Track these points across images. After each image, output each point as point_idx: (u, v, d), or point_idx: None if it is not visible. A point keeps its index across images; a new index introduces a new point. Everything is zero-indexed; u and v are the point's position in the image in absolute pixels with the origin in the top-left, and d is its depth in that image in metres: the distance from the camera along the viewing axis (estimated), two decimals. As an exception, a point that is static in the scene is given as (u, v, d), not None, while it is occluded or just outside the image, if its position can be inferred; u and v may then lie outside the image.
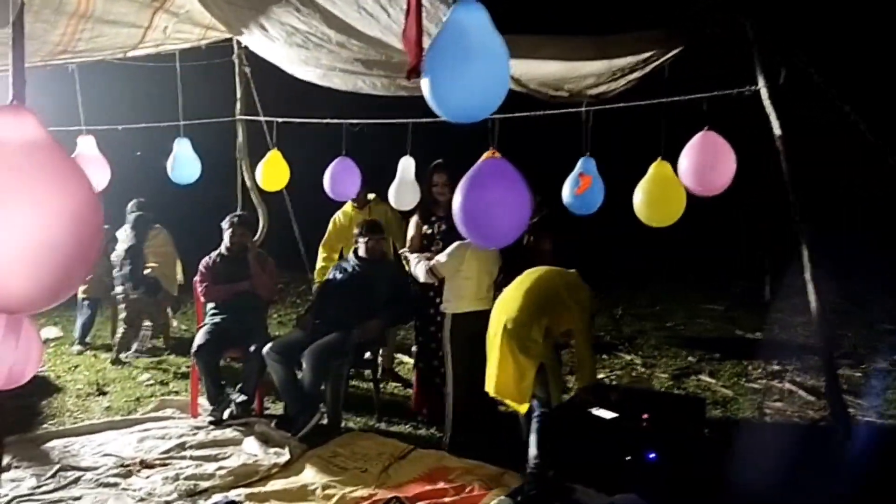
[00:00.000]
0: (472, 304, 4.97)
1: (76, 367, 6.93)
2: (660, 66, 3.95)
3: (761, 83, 3.96)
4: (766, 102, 3.92)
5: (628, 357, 7.51)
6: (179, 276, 7.74)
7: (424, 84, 2.24)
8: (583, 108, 4.78)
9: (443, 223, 5.45)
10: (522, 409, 4.43)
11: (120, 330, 7.30)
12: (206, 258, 5.84)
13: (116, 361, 7.09)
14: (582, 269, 4.84)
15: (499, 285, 4.91)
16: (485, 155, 3.07)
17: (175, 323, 7.63)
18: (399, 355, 6.95)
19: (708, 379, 6.72)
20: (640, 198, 4.26)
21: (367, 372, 5.93)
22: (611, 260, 11.01)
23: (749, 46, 3.97)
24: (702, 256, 11.69)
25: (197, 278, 5.79)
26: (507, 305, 4.47)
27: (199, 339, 5.46)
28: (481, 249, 4.92)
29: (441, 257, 4.96)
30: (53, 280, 1.76)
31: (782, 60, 4.14)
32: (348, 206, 6.54)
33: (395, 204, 5.58)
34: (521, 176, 3.00)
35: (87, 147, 5.31)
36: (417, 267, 5.10)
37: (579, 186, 4.57)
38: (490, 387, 4.41)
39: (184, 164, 5.70)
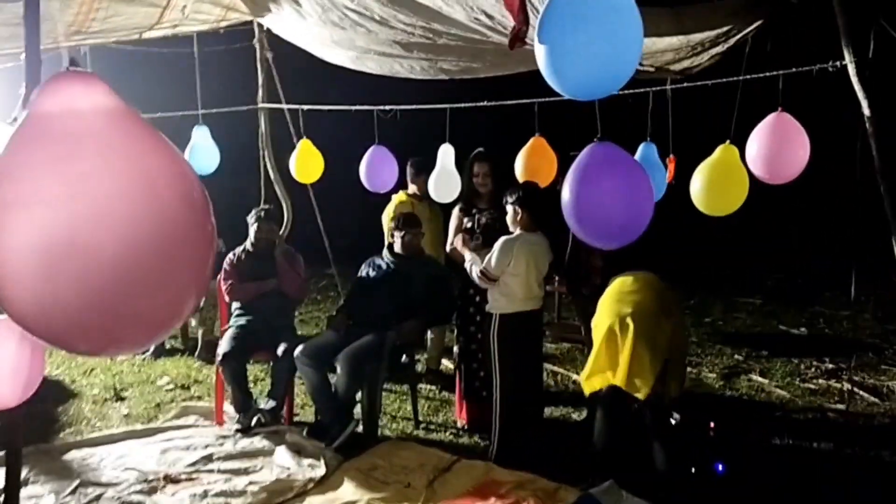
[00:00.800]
0: (521, 303, 4.58)
1: (91, 370, 6.58)
2: (742, 41, 3.56)
3: (848, 58, 3.55)
4: (854, 79, 3.51)
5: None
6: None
7: (539, 53, 1.84)
8: (642, 90, 4.39)
9: (483, 216, 5.08)
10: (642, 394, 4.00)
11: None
12: (231, 254, 5.48)
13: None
14: (613, 258, 4.49)
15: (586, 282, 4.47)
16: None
17: (193, 322, 7.26)
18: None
19: (760, 379, 6.34)
20: (699, 184, 3.88)
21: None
22: (641, 249, 10.63)
23: (834, 16, 3.58)
24: (735, 248, 11.29)
25: (221, 276, 5.43)
26: (625, 298, 4.06)
27: (225, 345, 5.09)
28: (530, 244, 4.54)
29: (489, 259, 4.57)
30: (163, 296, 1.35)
31: (872, 31, 3.75)
32: (402, 196, 6.13)
33: (434, 195, 5.18)
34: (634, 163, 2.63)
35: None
36: (473, 267, 4.71)
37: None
38: (620, 378, 3.93)
39: (202, 153, 5.34)
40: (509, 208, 4.58)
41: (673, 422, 4.13)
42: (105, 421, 5.40)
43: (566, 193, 2.58)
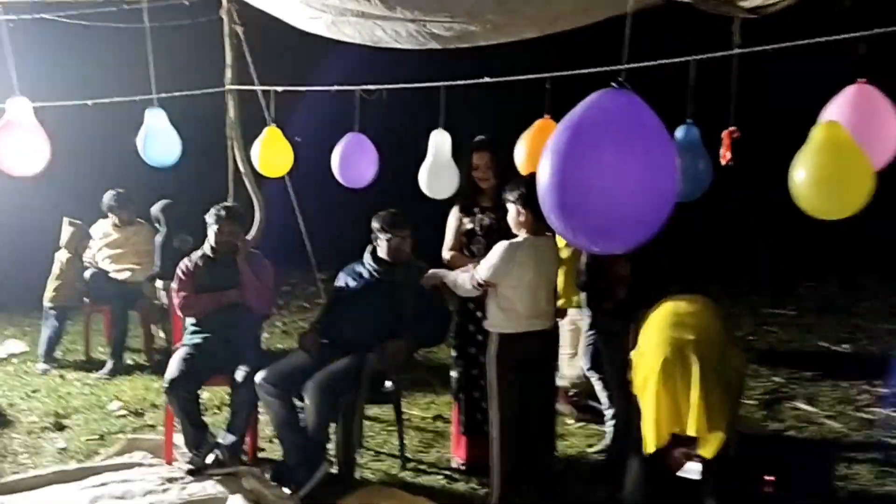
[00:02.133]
0: (525, 321, 3.73)
1: (35, 391, 5.75)
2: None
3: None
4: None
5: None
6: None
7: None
8: (681, 60, 3.53)
9: (486, 216, 4.23)
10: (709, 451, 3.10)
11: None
12: (186, 260, 4.63)
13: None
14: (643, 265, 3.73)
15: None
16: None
17: (162, 334, 6.44)
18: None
19: (806, 407, 5.46)
20: (804, 177, 2.93)
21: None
22: (659, 252, 9.77)
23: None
24: (759, 250, 10.36)
25: (174, 286, 4.59)
26: (682, 322, 3.20)
27: (173, 369, 4.25)
28: (538, 249, 3.69)
29: (483, 264, 3.72)
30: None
31: None
32: None
33: (428, 191, 4.29)
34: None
35: (18, 112, 4.08)
36: (461, 277, 3.86)
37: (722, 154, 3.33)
38: (695, 425, 3.03)
39: (158, 140, 4.50)
40: (511, 207, 3.74)
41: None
42: (36, 457, 4.56)
43: (546, 166, 1.78)
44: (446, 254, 4.36)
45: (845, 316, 8.47)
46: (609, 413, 4.65)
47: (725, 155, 3.46)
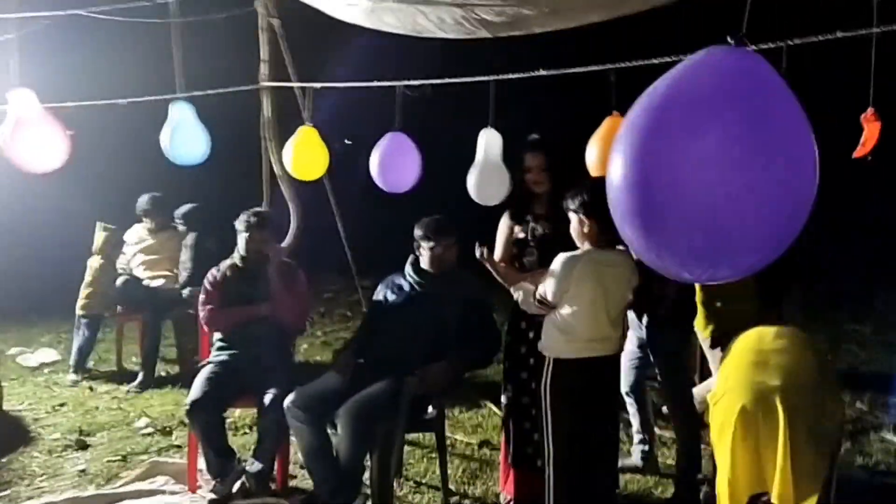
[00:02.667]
0: (584, 346, 3.28)
1: (62, 405, 5.48)
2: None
3: None
4: None
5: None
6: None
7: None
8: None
9: (540, 224, 3.78)
10: None
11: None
12: (213, 271, 4.29)
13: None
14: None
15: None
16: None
17: (189, 346, 6.14)
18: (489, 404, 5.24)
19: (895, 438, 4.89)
20: None
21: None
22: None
23: None
24: (831, 258, 9.64)
25: (201, 298, 4.25)
26: (767, 361, 2.70)
27: (196, 389, 3.90)
28: (599, 265, 3.24)
29: (547, 284, 3.29)
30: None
31: None
32: None
33: (476, 196, 3.85)
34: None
35: (24, 106, 3.77)
36: (525, 285, 3.43)
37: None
38: (780, 493, 2.56)
39: (185, 136, 4.16)
40: (572, 217, 3.29)
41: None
42: (54, 479, 4.26)
43: (620, 157, 1.40)
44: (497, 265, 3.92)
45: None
46: (637, 438, 4.32)
47: (868, 145, 2.88)
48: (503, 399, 3.97)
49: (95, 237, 6.18)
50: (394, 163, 3.87)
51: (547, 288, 3.27)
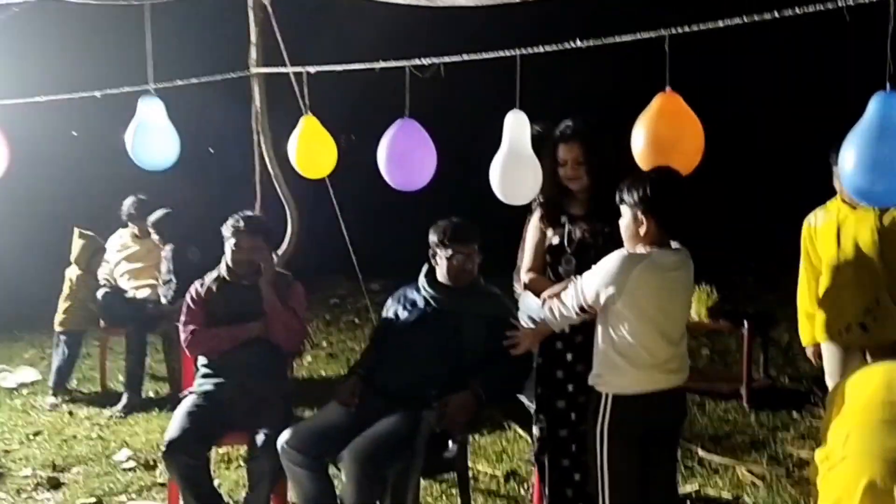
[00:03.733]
0: (653, 375, 2.69)
1: (37, 434, 4.91)
2: None
3: None
4: None
5: (831, 416, 5.06)
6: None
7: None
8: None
9: (578, 227, 3.18)
10: None
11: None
12: (197, 285, 3.72)
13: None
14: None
15: None
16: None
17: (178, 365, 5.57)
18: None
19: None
20: None
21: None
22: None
23: None
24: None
25: (182, 318, 3.67)
26: None
27: (174, 427, 3.32)
28: (665, 269, 2.65)
29: (590, 279, 2.70)
30: None
31: None
32: None
33: (501, 193, 3.24)
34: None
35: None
36: (565, 296, 2.85)
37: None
38: None
39: (150, 137, 3.58)
40: (626, 212, 2.71)
41: None
42: (18, 527, 3.70)
43: None
44: (525, 276, 3.32)
45: None
46: None
47: None
48: (535, 431, 3.38)
49: (73, 245, 5.62)
50: (405, 156, 3.27)
51: (589, 286, 2.67)
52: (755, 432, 4.75)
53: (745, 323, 5.27)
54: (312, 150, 4.17)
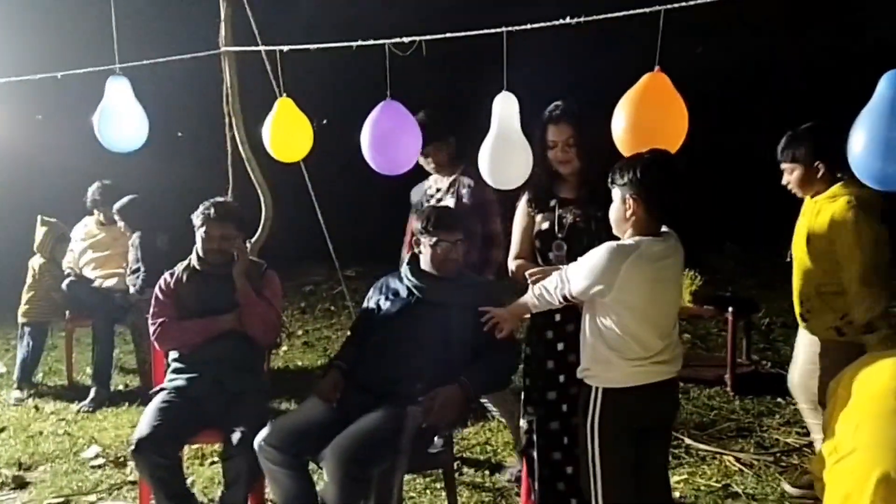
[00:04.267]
0: (645, 368, 2.57)
1: (2, 430, 4.71)
2: None
3: None
4: None
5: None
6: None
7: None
8: None
9: (569, 211, 3.06)
10: None
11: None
12: (166, 275, 3.54)
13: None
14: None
15: None
16: None
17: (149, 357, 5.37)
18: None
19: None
20: None
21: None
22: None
23: None
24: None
25: (151, 310, 3.49)
26: None
27: (144, 424, 3.16)
28: (658, 258, 2.53)
29: (576, 270, 2.57)
30: None
31: None
32: None
33: (490, 177, 3.10)
34: None
35: None
36: (549, 281, 2.73)
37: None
38: None
39: (117, 117, 3.40)
40: (616, 195, 2.58)
41: None
42: (-20, 532, 3.52)
43: None
44: (512, 263, 3.20)
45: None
46: None
47: None
48: (523, 423, 3.26)
49: (36, 233, 5.39)
50: (390, 139, 3.11)
51: (575, 277, 2.55)
52: (741, 419, 4.69)
53: (730, 308, 5.20)
54: (287, 133, 3.99)
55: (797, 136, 3.35)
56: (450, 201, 3.82)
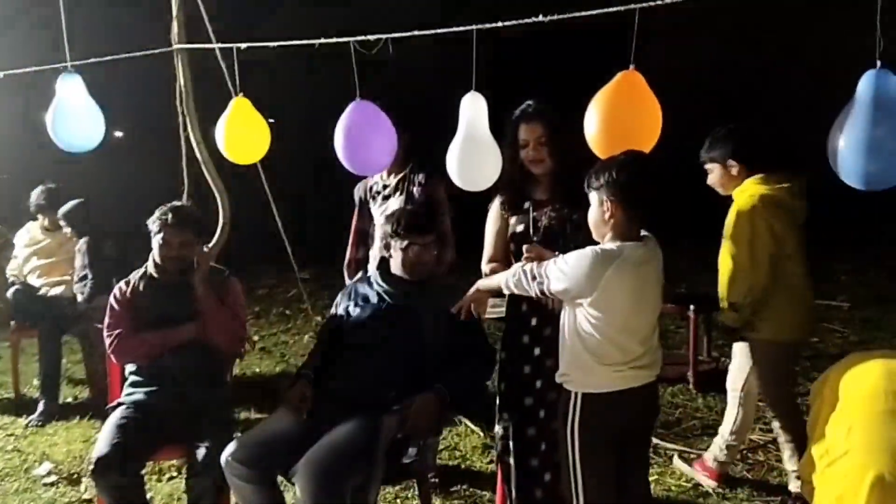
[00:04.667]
0: (625, 373, 2.53)
1: (-52, 447, 4.48)
2: None
3: None
4: None
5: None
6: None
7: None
8: None
9: (543, 213, 3.00)
10: None
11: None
12: (122, 284, 3.38)
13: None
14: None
15: None
16: None
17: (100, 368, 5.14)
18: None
19: None
20: None
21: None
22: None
23: None
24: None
25: (107, 321, 3.32)
26: None
27: (103, 442, 3.00)
28: (637, 264, 2.48)
29: (557, 272, 2.51)
30: None
31: None
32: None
33: (459, 179, 3.02)
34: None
35: None
36: (516, 279, 2.66)
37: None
38: None
39: (74, 116, 3.24)
40: (594, 198, 2.53)
41: None
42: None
43: None
44: (486, 266, 3.13)
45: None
46: None
47: None
48: (498, 430, 3.20)
49: (-23, 239, 5.14)
50: (365, 138, 3.01)
51: (557, 281, 2.48)
52: (705, 416, 4.71)
53: (691, 305, 5.23)
54: (243, 134, 3.85)
55: (714, 139, 3.49)
56: (398, 199, 3.73)
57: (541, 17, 2.90)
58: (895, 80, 2.18)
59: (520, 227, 3.02)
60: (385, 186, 3.78)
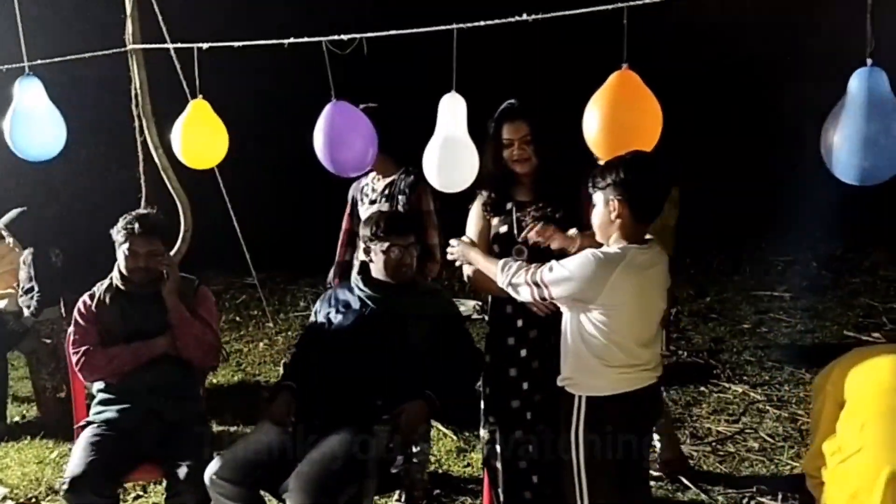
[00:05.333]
0: (627, 375, 2.52)
1: None
2: None
3: None
4: None
5: (737, 388, 5.17)
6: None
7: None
8: None
9: (528, 215, 2.98)
10: None
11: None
12: (85, 298, 3.21)
13: None
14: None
15: None
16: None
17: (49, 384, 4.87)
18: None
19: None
20: None
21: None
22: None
23: None
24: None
25: (72, 337, 3.15)
26: None
27: (76, 462, 2.85)
28: (642, 268, 2.48)
29: (558, 276, 2.48)
30: None
31: None
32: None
33: (437, 181, 2.96)
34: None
35: None
36: (514, 277, 2.62)
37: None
38: None
39: (33, 122, 3.07)
40: (598, 198, 2.51)
41: None
42: None
43: None
44: (468, 268, 3.08)
45: (847, 296, 7.62)
46: None
47: None
48: (483, 433, 3.17)
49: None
50: (346, 139, 2.92)
51: (559, 287, 2.46)
52: (670, 410, 4.77)
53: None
54: (201, 138, 3.71)
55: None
56: (383, 205, 3.66)
57: (524, 17, 2.87)
58: (885, 77, 2.23)
59: (503, 229, 3.00)
60: (374, 190, 3.69)
